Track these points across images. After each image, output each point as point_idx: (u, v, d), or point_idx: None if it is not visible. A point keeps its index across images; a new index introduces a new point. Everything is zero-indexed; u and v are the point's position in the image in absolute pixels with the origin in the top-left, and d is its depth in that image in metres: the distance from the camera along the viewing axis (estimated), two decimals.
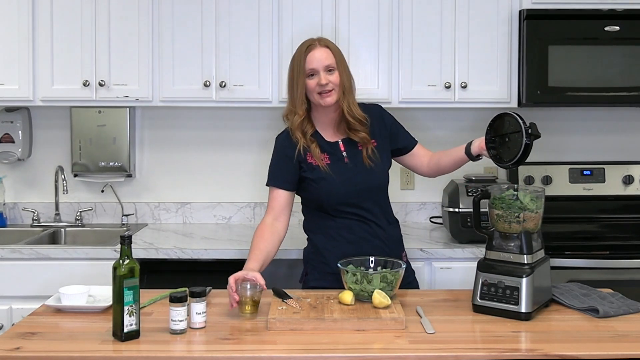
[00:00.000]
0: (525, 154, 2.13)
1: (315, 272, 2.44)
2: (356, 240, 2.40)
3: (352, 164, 2.40)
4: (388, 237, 2.45)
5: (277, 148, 2.47)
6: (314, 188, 2.40)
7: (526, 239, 2.11)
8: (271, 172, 2.46)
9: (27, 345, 1.84)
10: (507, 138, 2.18)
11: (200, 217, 3.58)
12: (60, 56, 3.21)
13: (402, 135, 2.53)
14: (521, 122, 2.14)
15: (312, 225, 2.50)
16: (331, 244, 2.42)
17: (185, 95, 3.23)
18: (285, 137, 2.46)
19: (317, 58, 2.34)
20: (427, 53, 3.21)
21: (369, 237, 2.41)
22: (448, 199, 3.12)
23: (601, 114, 3.60)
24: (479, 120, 3.53)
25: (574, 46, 3.17)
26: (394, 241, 2.49)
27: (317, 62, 2.34)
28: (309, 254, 2.51)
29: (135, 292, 1.88)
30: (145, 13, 3.20)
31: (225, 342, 1.88)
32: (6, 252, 2.94)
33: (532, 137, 2.12)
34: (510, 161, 2.17)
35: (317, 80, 2.34)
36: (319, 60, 2.34)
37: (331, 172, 2.37)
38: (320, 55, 2.35)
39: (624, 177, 3.41)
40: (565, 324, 2.05)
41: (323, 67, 2.34)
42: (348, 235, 2.41)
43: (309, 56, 2.35)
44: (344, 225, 2.41)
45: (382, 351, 1.84)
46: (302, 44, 2.41)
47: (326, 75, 2.34)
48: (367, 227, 2.41)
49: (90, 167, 3.45)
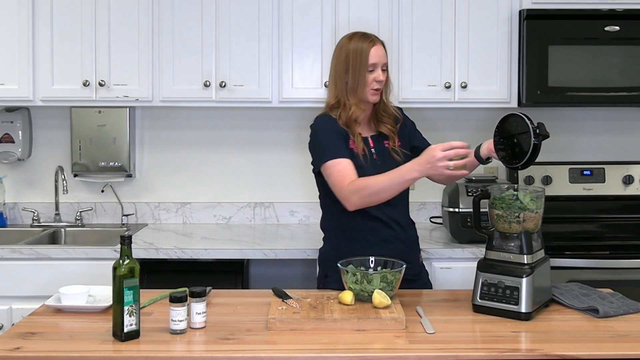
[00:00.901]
0: (535, 154, 2.12)
1: (337, 274, 2.34)
2: (378, 243, 2.38)
3: (381, 160, 2.39)
4: (409, 238, 2.47)
5: (325, 126, 2.39)
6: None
7: (526, 239, 2.10)
8: (327, 147, 2.34)
9: (27, 345, 1.84)
10: (515, 139, 2.17)
11: (200, 217, 3.59)
12: (60, 56, 3.21)
13: (419, 139, 2.54)
14: (529, 122, 2.12)
15: (334, 226, 2.46)
16: (353, 245, 2.38)
17: (185, 95, 3.23)
18: (329, 117, 2.41)
19: (379, 54, 2.38)
20: (427, 53, 3.21)
21: (392, 239, 2.40)
22: (448, 199, 3.12)
23: (601, 114, 3.60)
24: (479, 120, 3.53)
25: (574, 46, 3.17)
26: (414, 242, 2.51)
27: (379, 58, 2.38)
28: (327, 255, 2.47)
29: (135, 292, 1.88)
30: (145, 13, 3.20)
31: (225, 342, 1.87)
32: (6, 252, 2.94)
33: (540, 138, 2.11)
34: (520, 162, 2.16)
35: (375, 76, 2.36)
36: (381, 57, 2.38)
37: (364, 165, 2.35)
38: (382, 52, 2.40)
39: (624, 177, 3.41)
40: (565, 324, 2.05)
41: (382, 65, 2.39)
42: (371, 238, 2.39)
43: (373, 50, 2.37)
44: (367, 227, 2.39)
45: (382, 351, 1.84)
46: (356, 36, 2.41)
47: (382, 73, 2.38)
48: (390, 230, 2.40)
49: (90, 167, 3.45)
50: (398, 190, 2.25)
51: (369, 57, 2.35)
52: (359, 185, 2.24)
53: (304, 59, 3.21)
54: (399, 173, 2.21)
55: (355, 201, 2.26)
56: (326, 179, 2.35)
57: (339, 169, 2.30)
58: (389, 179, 2.21)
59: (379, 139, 2.43)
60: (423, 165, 2.15)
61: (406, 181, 2.21)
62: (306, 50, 3.20)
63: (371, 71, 2.37)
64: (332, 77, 2.44)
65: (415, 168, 2.18)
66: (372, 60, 2.36)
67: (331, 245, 2.47)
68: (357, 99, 2.37)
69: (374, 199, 2.25)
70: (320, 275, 2.52)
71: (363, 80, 2.36)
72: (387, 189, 2.22)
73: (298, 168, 3.56)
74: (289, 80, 3.22)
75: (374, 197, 2.24)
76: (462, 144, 2.11)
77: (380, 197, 2.24)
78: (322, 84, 3.21)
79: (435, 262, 2.95)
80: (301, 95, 3.23)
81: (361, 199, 2.24)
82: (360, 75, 2.36)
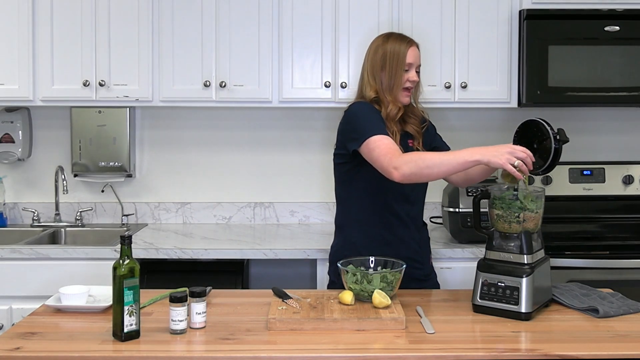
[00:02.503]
0: (556, 159, 2.12)
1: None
2: (393, 241, 2.40)
3: None
4: (422, 238, 2.48)
5: (369, 108, 2.38)
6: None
7: (526, 239, 2.11)
8: (373, 125, 2.29)
9: (27, 345, 1.84)
10: (535, 145, 2.17)
11: (200, 217, 3.58)
12: (60, 56, 3.21)
13: (439, 142, 2.56)
14: (549, 128, 2.13)
15: (350, 220, 2.46)
16: (369, 242, 2.39)
17: (185, 95, 3.23)
18: (369, 105, 2.41)
19: (415, 55, 2.42)
20: (427, 53, 3.21)
21: (407, 238, 2.42)
22: (448, 199, 3.12)
23: (601, 114, 3.60)
24: (479, 120, 3.53)
25: (574, 46, 3.17)
26: (426, 243, 2.53)
27: (415, 59, 2.42)
28: (341, 249, 2.45)
29: (135, 292, 1.88)
30: (145, 13, 3.20)
31: (225, 342, 1.87)
32: (6, 252, 2.94)
33: (560, 143, 2.12)
34: (541, 168, 2.16)
35: (409, 76, 2.39)
36: (416, 58, 2.43)
37: None
38: (417, 53, 2.44)
39: (624, 177, 3.41)
40: (565, 324, 2.05)
41: (417, 66, 2.42)
42: (388, 236, 2.40)
43: (410, 51, 2.40)
44: (384, 222, 2.40)
45: (382, 351, 1.84)
46: (393, 36, 2.44)
47: (416, 74, 2.42)
48: (406, 230, 2.42)
49: (90, 167, 3.45)
50: (452, 170, 2.15)
51: (407, 57, 2.39)
52: (414, 156, 2.19)
53: (304, 59, 3.21)
54: (458, 153, 2.13)
55: (406, 171, 2.13)
56: (369, 153, 2.25)
57: (386, 142, 2.23)
58: (446, 157, 2.14)
59: (404, 138, 2.43)
60: (488, 150, 2.08)
61: (465, 162, 2.10)
62: (306, 50, 3.20)
63: (406, 71, 2.39)
64: (369, 73, 2.43)
65: (477, 151, 2.09)
66: (409, 60, 2.39)
67: (344, 240, 2.46)
68: (393, 97, 2.39)
69: (426, 173, 2.14)
70: (330, 270, 2.52)
71: (399, 80, 2.39)
72: (443, 165, 2.12)
73: (298, 168, 3.56)
74: (289, 80, 3.22)
75: (426, 171, 2.13)
76: (526, 169, 2.07)
77: (433, 171, 2.14)
78: (322, 84, 3.21)
79: (435, 262, 2.93)
80: (301, 95, 3.23)
81: (414, 169, 2.13)
82: (397, 75, 2.38)
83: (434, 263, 2.94)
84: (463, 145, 2.33)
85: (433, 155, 2.18)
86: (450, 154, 2.17)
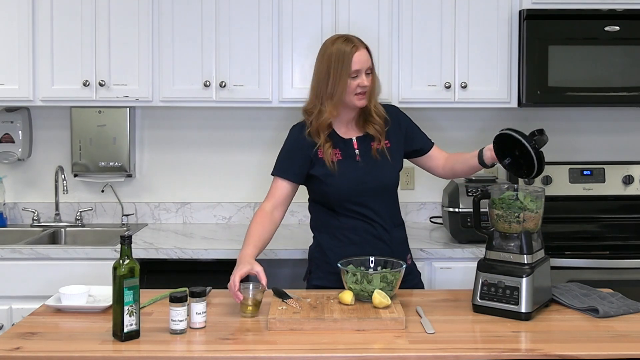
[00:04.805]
0: (541, 163, 2.11)
1: (319, 271, 2.44)
2: (360, 242, 2.40)
3: (364, 162, 2.39)
4: (392, 239, 2.44)
5: (292, 139, 2.44)
6: (322, 183, 2.38)
7: (526, 239, 2.11)
8: (279, 162, 2.45)
9: (27, 345, 1.84)
10: (517, 152, 2.16)
11: (200, 217, 3.59)
12: (60, 56, 3.21)
13: (418, 137, 2.52)
14: (524, 141, 2.11)
15: (318, 224, 2.50)
16: (335, 243, 2.42)
17: (185, 95, 3.23)
18: (301, 129, 2.42)
19: (362, 60, 2.32)
20: (427, 53, 3.21)
21: (373, 239, 2.40)
22: (448, 199, 3.12)
23: (601, 114, 3.60)
24: (479, 120, 3.53)
25: (574, 46, 3.17)
26: (399, 243, 2.48)
27: (362, 64, 2.32)
28: (314, 252, 2.51)
29: (135, 292, 1.88)
30: (145, 13, 3.20)
31: (225, 342, 1.88)
32: (6, 252, 2.94)
33: (538, 147, 2.10)
34: (528, 175, 2.15)
35: (359, 82, 2.32)
36: (364, 62, 2.32)
37: (341, 168, 2.36)
38: (365, 56, 2.33)
39: (624, 177, 3.41)
40: (565, 324, 2.05)
41: (366, 69, 2.34)
42: (352, 236, 2.40)
43: (355, 56, 2.31)
44: (348, 225, 2.41)
45: (382, 351, 1.84)
46: (339, 40, 2.35)
47: (367, 78, 2.34)
48: (372, 229, 2.40)
49: (90, 167, 3.45)
50: None
51: (352, 64, 2.30)
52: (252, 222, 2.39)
53: (304, 59, 3.21)
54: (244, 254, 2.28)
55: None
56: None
57: (273, 187, 2.44)
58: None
59: (365, 140, 2.42)
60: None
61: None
62: (306, 50, 3.20)
63: (354, 77, 2.32)
64: (314, 81, 2.40)
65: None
66: (354, 67, 2.30)
67: (317, 243, 2.50)
68: (333, 105, 2.33)
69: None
70: (306, 271, 2.55)
71: (344, 87, 2.31)
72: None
73: None
74: (289, 80, 3.22)
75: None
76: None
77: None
78: None
79: (435, 262, 2.96)
80: (301, 95, 3.21)
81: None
82: (341, 81, 2.31)
83: (434, 263, 2.95)
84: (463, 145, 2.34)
85: (251, 227, 2.35)
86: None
